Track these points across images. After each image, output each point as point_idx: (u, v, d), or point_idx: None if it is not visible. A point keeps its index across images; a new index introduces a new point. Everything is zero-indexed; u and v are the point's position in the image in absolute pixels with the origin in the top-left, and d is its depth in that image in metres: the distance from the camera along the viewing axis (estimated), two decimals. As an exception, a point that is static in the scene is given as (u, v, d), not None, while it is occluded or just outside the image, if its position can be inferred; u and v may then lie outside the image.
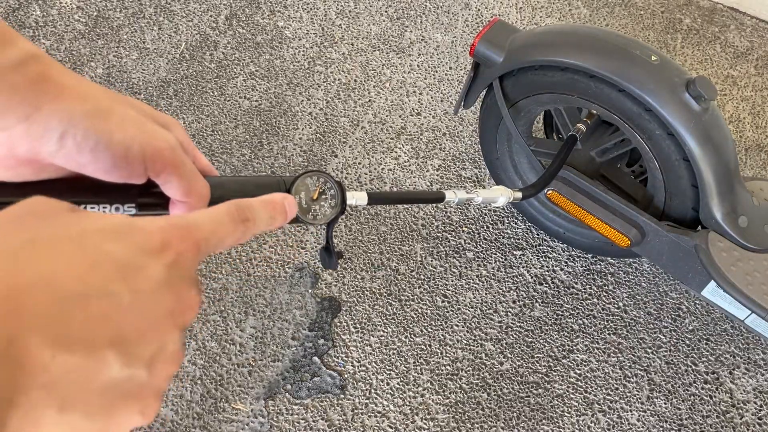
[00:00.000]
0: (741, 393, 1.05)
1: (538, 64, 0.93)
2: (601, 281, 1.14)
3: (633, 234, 0.96)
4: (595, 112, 1.00)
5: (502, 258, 1.16)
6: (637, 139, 0.92)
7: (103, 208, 0.43)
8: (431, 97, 1.35)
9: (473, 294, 1.13)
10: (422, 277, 1.14)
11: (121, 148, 0.40)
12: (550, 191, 1.02)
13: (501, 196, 0.78)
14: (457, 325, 1.09)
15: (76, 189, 0.42)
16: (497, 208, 0.79)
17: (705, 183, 0.87)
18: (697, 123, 0.85)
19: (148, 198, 0.43)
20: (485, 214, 1.21)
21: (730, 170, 0.88)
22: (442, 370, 1.05)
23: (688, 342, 1.09)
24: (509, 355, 1.07)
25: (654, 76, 0.85)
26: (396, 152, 1.28)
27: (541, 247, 1.18)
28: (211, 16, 1.45)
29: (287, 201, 0.42)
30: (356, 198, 0.60)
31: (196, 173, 0.42)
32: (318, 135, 1.29)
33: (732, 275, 0.87)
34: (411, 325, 1.09)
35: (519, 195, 0.87)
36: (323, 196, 0.56)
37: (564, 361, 1.07)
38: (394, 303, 1.11)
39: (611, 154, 1.03)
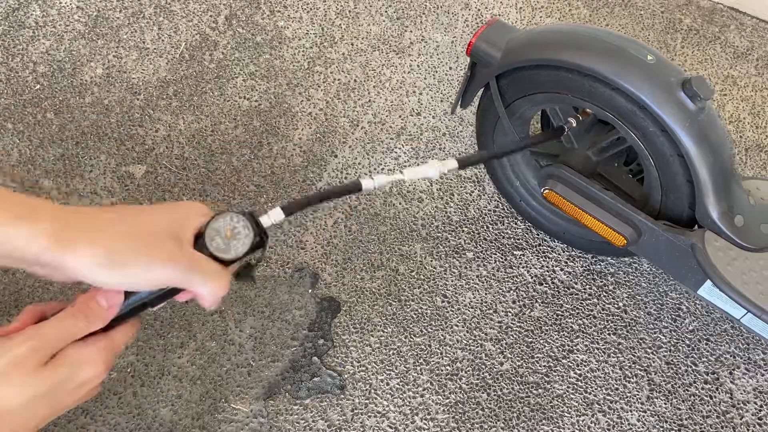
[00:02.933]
0: (741, 393, 1.05)
1: (535, 63, 0.93)
2: (601, 281, 1.14)
3: (629, 233, 0.96)
4: (589, 110, 1.00)
5: (502, 258, 1.16)
6: (632, 136, 0.92)
7: None
8: (431, 98, 1.35)
9: (473, 294, 1.12)
10: (422, 277, 1.14)
11: (130, 287, 0.55)
12: (547, 191, 1.02)
13: (430, 168, 0.78)
14: (456, 325, 1.09)
15: None
16: (429, 179, 0.80)
17: (701, 182, 0.87)
18: (693, 122, 0.85)
19: None
20: (485, 215, 1.21)
21: (726, 169, 0.88)
22: (442, 370, 1.05)
23: (688, 342, 1.09)
24: (509, 355, 1.07)
25: (650, 76, 0.85)
26: (396, 152, 1.28)
27: (541, 248, 1.18)
28: (210, 16, 1.45)
29: (100, 295, 0.55)
30: (271, 217, 0.63)
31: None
32: (318, 135, 1.29)
33: (728, 274, 0.87)
34: (411, 325, 1.09)
35: (454, 164, 0.86)
36: (236, 232, 0.60)
37: (564, 361, 1.07)
38: (393, 303, 1.11)
39: (607, 153, 1.03)
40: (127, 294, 0.56)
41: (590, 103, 0.93)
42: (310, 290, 1.12)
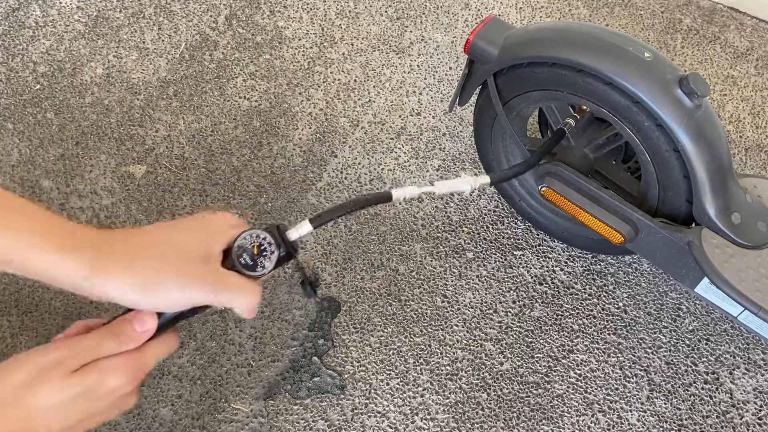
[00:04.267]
0: (741, 393, 1.05)
1: (533, 60, 0.94)
2: (601, 281, 1.14)
3: (627, 230, 0.96)
4: (585, 107, 1.00)
5: (501, 258, 1.16)
6: (627, 132, 0.92)
7: None
8: (431, 98, 1.35)
9: (473, 294, 1.12)
10: (422, 277, 1.14)
11: (165, 309, 0.59)
12: (544, 188, 1.02)
13: (465, 184, 0.78)
14: (456, 325, 1.09)
15: None
16: (461, 193, 0.79)
17: (698, 180, 0.87)
18: (689, 120, 0.85)
19: None
20: (485, 215, 1.21)
21: (723, 167, 0.88)
22: (442, 370, 1.05)
23: (688, 342, 1.09)
24: (509, 355, 1.07)
25: (647, 73, 0.85)
26: (396, 152, 1.28)
27: (541, 247, 1.18)
28: (211, 16, 1.45)
29: (135, 320, 0.59)
30: (299, 230, 0.65)
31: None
32: (318, 135, 1.29)
33: (725, 271, 0.87)
34: (411, 325, 1.09)
35: (487, 180, 0.86)
36: (262, 249, 0.62)
37: (564, 361, 1.07)
38: (393, 303, 1.11)
39: (604, 150, 1.03)
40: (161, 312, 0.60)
41: (586, 99, 0.93)
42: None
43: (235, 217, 0.65)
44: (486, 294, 1.13)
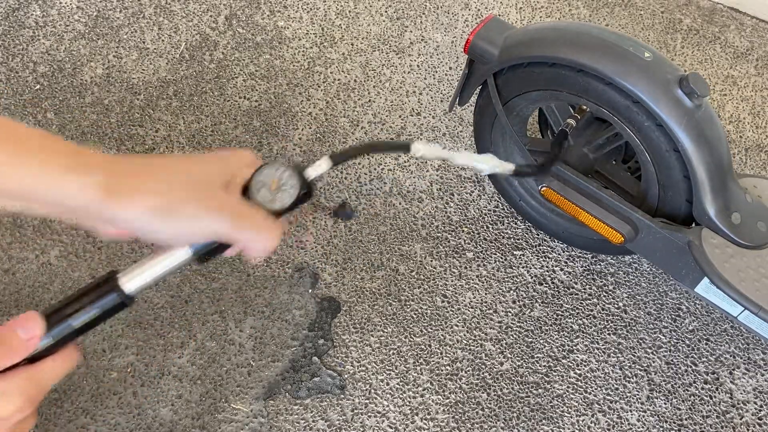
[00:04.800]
0: (741, 393, 1.05)
1: (533, 60, 0.94)
2: (601, 281, 1.14)
3: (627, 230, 0.96)
4: (585, 107, 1.00)
5: (501, 258, 1.16)
6: (627, 131, 0.92)
7: None
8: (431, 98, 1.35)
9: (473, 294, 1.12)
10: (422, 277, 1.14)
11: (180, 239, 0.54)
12: (544, 188, 1.02)
13: (485, 163, 0.76)
14: (456, 325, 1.09)
15: None
16: (479, 171, 0.77)
17: (698, 180, 0.87)
18: (690, 120, 0.85)
19: None
20: (485, 215, 1.21)
21: (723, 167, 0.88)
22: (442, 370, 1.05)
23: (688, 342, 1.09)
24: (509, 355, 1.07)
25: (647, 73, 0.85)
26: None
27: (541, 248, 1.18)
28: (210, 16, 1.45)
29: (18, 326, 0.52)
30: (318, 168, 0.62)
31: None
32: (318, 135, 1.29)
33: (725, 271, 0.87)
34: (411, 325, 1.09)
35: (511, 167, 0.83)
36: (282, 183, 0.59)
37: (564, 361, 1.07)
38: (393, 303, 1.11)
39: (604, 150, 1.03)
40: (57, 320, 0.53)
41: (586, 99, 0.93)
42: (310, 290, 1.12)
43: (254, 157, 0.60)
44: (486, 294, 1.13)
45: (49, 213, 0.49)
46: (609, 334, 1.10)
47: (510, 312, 1.11)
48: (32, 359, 0.51)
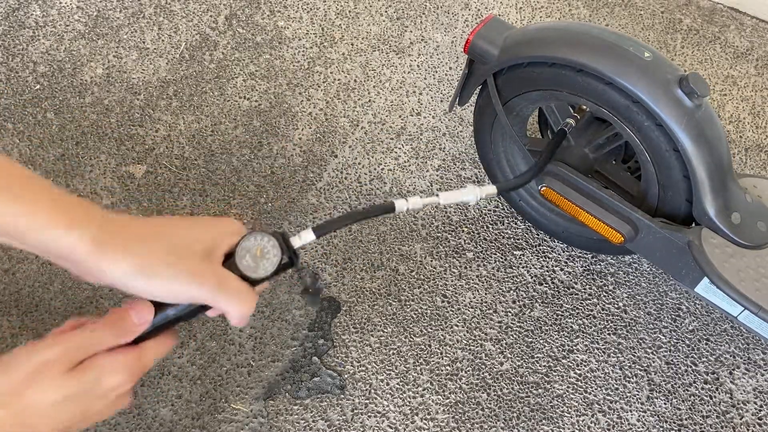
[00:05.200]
0: (741, 393, 1.05)
1: (533, 60, 0.94)
2: (601, 281, 1.14)
3: (626, 230, 0.96)
4: (585, 107, 1.00)
5: (501, 258, 1.16)
6: (627, 131, 0.92)
7: None
8: (431, 98, 1.35)
9: (473, 294, 1.12)
10: (422, 277, 1.14)
11: (162, 298, 0.57)
12: (544, 188, 1.02)
13: (469, 195, 0.78)
14: (456, 325, 1.09)
15: None
16: (466, 204, 0.79)
17: (698, 180, 0.87)
18: (690, 119, 0.85)
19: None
20: (485, 215, 1.21)
21: (723, 167, 0.88)
22: (442, 370, 1.05)
23: (688, 342, 1.09)
24: (509, 355, 1.07)
25: (647, 73, 0.85)
26: (396, 152, 1.28)
27: (541, 247, 1.18)
28: (211, 16, 1.45)
29: (132, 310, 0.58)
30: (302, 238, 0.66)
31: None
32: (318, 135, 1.29)
33: (725, 271, 0.87)
34: (411, 325, 1.09)
35: (493, 190, 0.87)
36: (265, 251, 0.62)
37: (564, 361, 1.07)
38: (393, 303, 1.11)
39: (604, 150, 1.03)
40: (159, 309, 0.59)
41: (586, 99, 0.93)
42: (310, 290, 1.12)
43: (241, 225, 0.64)
44: (486, 294, 1.13)
45: (39, 254, 0.54)
46: (609, 334, 1.10)
47: (510, 312, 1.11)
48: (135, 340, 0.58)
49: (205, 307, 0.61)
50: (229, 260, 0.61)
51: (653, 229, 0.94)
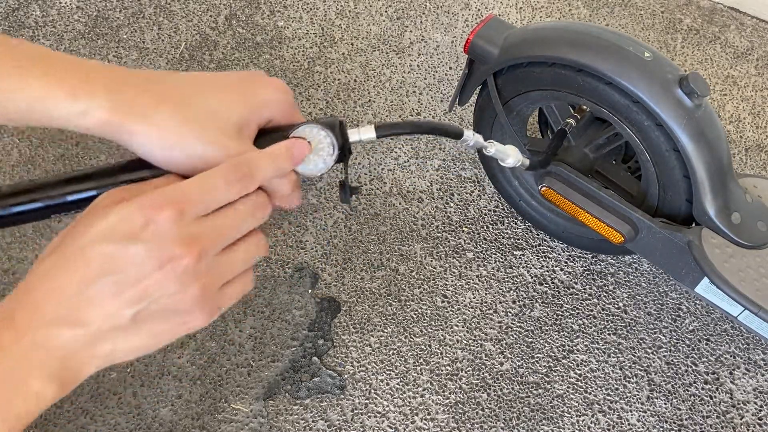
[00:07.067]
0: (741, 393, 1.05)
1: (533, 60, 0.94)
2: (601, 281, 1.14)
3: (627, 230, 0.96)
4: (585, 107, 1.00)
5: (502, 258, 1.16)
6: (627, 131, 0.92)
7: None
8: (431, 98, 1.35)
9: (473, 294, 1.12)
10: (422, 277, 1.14)
11: (187, 172, 0.48)
12: (544, 188, 1.02)
13: (512, 156, 0.77)
14: (456, 326, 1.09)
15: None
16: (506, 165, 0.78)
17: (698, 180, 0.87)
18: (690, 119, 0.85)
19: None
20: (485, 215, 1.21)
21: (723, 167, 0.88)
22: (442, 371, 1.05)
23: (688, 342, 1.09)
24: (509, 356, 1.07)
25: (647, 73, 0.85)
26: (396, 152, 1.28)
27: (541, 248, 1.17)
28: (210, 16, 1.45)
29: (294, 145, 0.50)
30: (362, 134, 0.57)
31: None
32: (318, 135, 1.29)
33: (725, 271, 0.87)
34: (411, 326, 1.09)
35: (527, 162, 0.86)
36: (320, 147, 0.54)
37: (564, 361, 1.07)
38: (393, 303, 1.11)
39: (604, 150, 1.03)
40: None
41: (586, 99, 0.93)
42: (310, 290, 1.12)
43: (289, 90, 0.54)
44: (486, 294, 1.13)
45: (62, 128, 0.48)
46: (609, 334, 1.10)
47: (510, 312, 1.11)
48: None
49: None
50: (264, 137, 0.52)
51: (653, 229, 0.94)
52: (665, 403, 1.04)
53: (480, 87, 1.04)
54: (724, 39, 1.48)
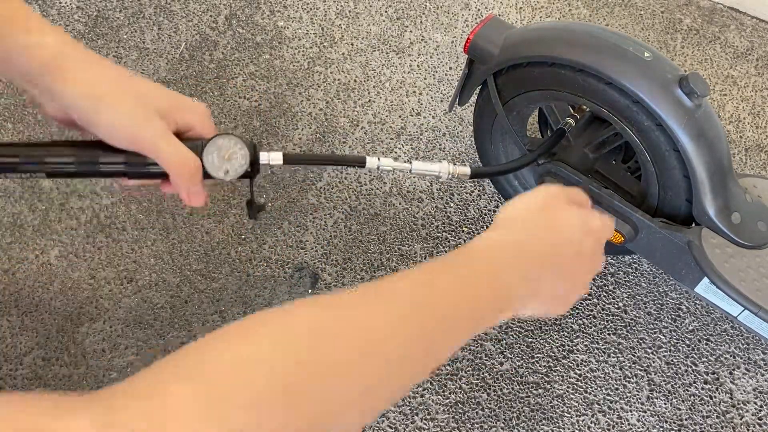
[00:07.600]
0: (741, 393, 1.05)
1: (532, 60, 0.94)
2: (601, 281, 1.14)
3: (626, 230, 0.96)
4: (585, 107, 1.00)
5: (501, 258, 1.16)
6: (627, 131, 0.92)
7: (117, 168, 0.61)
8: (431, 98, 1.35)
9: (473, 294, 1.12)
10: (422, 277, 1.14)
11: (109, 131, 0.55)
12: None
13: (441, 167, 0.80)
14: (456, 325, 1.09)
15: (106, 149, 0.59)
16: (436, 175, 0.81)
17: (698, 180, 0.87)
18: (689, 119, 0.85)
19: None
20: (485, 215, 1.21)
21: (723, 167, 0.88)
22: (442, 370, 1.05)
23: (688, 342, 1.09)
24: (509, 355, 1.07)
25: (647, 72, 0.85)
26: (396, 152, 1.28)
27: (540, 247, 1.17)
28: (210, 16, 1.45)
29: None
30: (271, 157, 0.66)
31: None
32: (318, 135, 1.29)
33: (725, 271, 0.87)
34: (411, 325, 1.09)
35: (467, 171, 0.88)
36: (234, 157, 0.63)
37: (564, 361, 1.07)
38: (393, 303, 1.11)
39: (604, 149, 1.03)
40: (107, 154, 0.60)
41: (586, 99, 0.93)
42: (310, 290, 1.12)
43: (208, 112, 0.63)
44: (486, 294, 1.12)
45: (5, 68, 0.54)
46: (609, 334, 1.10)
47: (510, 312, 1.11)
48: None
49: (157, 174, 0.60)
50: (194, 145, 0.61)
51: (653, 229, 0.94)
52: (665, 403, 1.04)
53: (480, 87, 1.04)
54: (724, 39, 1.48)
